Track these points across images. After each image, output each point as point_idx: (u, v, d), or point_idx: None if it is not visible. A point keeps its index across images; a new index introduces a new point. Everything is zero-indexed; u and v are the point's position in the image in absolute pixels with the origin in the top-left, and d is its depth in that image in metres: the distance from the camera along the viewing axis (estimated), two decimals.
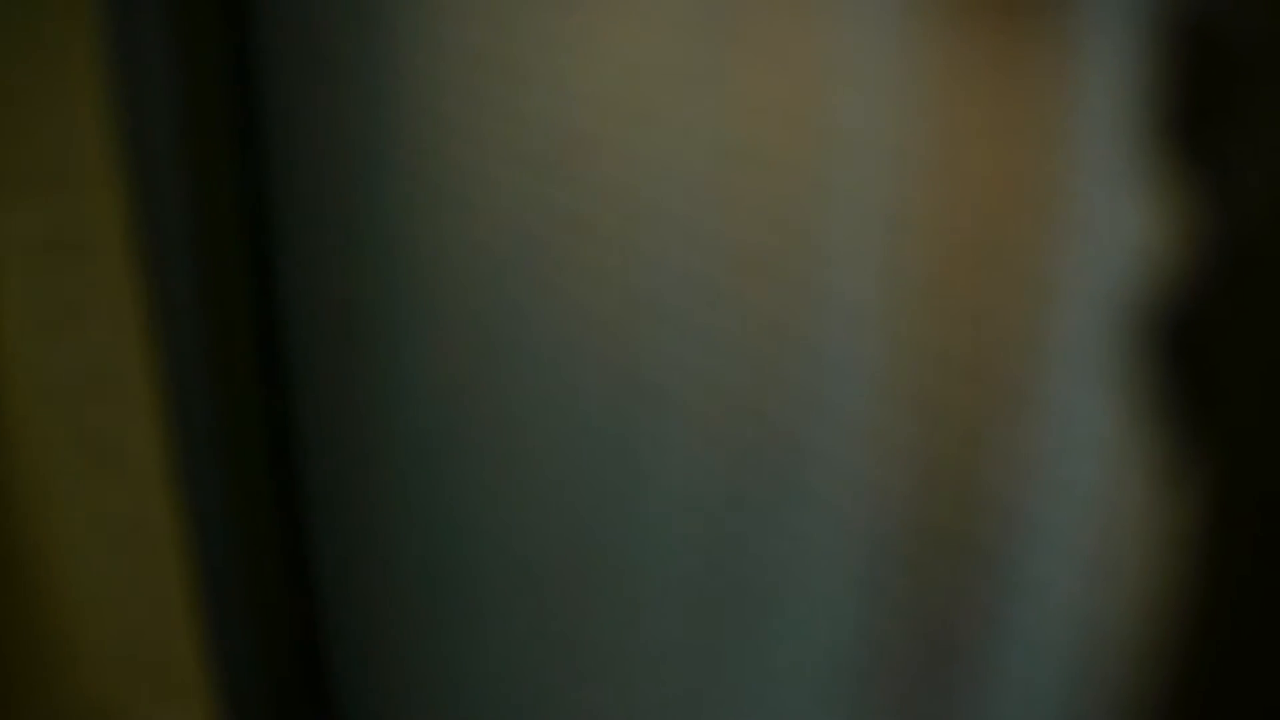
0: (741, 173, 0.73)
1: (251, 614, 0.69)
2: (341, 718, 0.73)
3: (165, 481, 0.69)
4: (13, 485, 0.72)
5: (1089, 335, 0.50)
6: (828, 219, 0.66)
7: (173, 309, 0.63)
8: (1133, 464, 0.43)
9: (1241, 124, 0.35)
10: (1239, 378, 0.34)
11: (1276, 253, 0.33)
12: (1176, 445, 0.37)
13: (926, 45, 0.57)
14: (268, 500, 0.70)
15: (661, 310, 0.77)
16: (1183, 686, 0.38)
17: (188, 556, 0.68)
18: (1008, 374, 0.53)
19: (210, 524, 0.65)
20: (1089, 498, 0.50)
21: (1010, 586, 0.60)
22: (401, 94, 0.84)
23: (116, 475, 0.70)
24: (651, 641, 0.80)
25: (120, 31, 0.60)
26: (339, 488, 0.74)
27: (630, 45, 0.77)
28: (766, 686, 0.69)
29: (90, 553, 0.70)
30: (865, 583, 0.72)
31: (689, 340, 0.78)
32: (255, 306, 0.70)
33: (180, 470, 0.65)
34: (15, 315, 0.69)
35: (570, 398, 0.84)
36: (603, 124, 0.79)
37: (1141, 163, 0.43)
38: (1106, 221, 0.48)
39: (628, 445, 0.87)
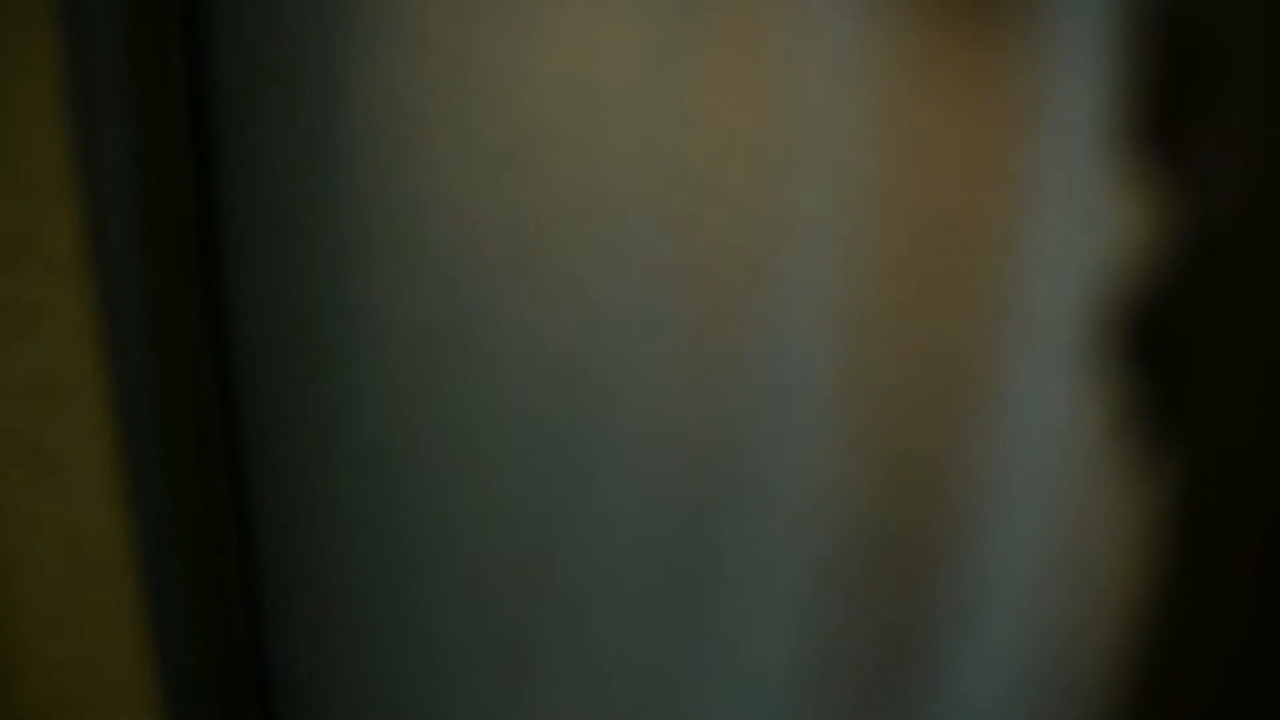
0: (708, 166, 0.73)
1: (198, 624, 0.69)
2: None
3: (114, 490, 0.69)
4: None
5: (1060, 332, 0.50)
6: (796, 209, 0.67)
7: (123, 316, 0.63)
8: (1102, 460, 0.43)
9: (1216, 123, 0.35)
10: (1210, 373, 0.35)
11: (1248, 249, 0.34)
12: (1147, 440, 0.37)
13: (897, 45, 0.58)
14: (216, 510, 0.69)
15: (620, 310, 0.78)
16: (1150, 680, 0.39)
17: (135, 566, 0.68)
18: (973, 375, 0.54)
19: (158, 533, 0.65)
20: (1054, 498, 0.50)
21: (973, 585, 0.61)
22: (358, 88, 0.84)
23: (65, 483, 0.70)
24: (609, 643, 0.80)
25: (74, 33, 0.60)
26: (288, 496, 0.73)
27: (594, 34, 0.76)
28: (726, 686, 0.70)
29: (38, 561, 0.70)
30: (826, 583, 0.73)
31: (648, 341, 0.78)
32: (206, 312, 0.70)
33: (129, 479, 0.65)
34: None
35: (526, 399, 0.84)
36: (565, 114, 0.78)
37: (1115, 161, 0.44)
38: (1079, 218, 0.49)
39: (583, 447, 0.87)
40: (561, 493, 0.89)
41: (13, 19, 0.64)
